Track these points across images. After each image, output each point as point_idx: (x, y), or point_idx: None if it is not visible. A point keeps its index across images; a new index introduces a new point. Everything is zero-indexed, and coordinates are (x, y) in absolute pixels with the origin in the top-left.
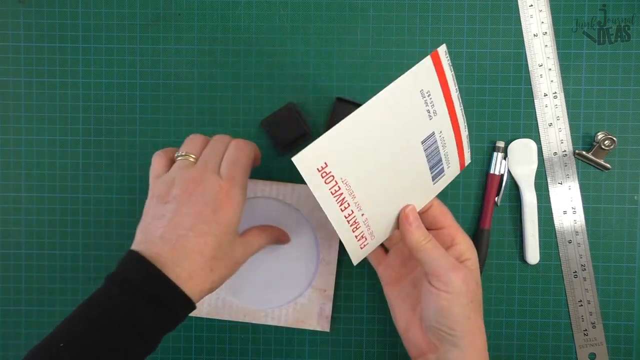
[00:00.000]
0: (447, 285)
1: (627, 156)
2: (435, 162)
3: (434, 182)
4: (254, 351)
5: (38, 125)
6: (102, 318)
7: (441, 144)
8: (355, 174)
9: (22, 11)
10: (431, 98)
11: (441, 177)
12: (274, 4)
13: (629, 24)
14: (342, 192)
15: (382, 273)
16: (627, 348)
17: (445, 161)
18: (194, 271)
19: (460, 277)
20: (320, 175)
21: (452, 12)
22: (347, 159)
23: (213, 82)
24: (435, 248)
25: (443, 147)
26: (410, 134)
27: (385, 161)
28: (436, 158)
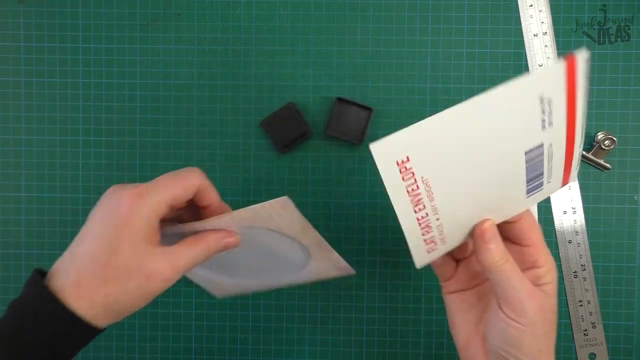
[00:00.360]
0: (519, 314)
1: (627, 156)
2: (536, 175)
3: (528, 196)
4: (254, 351)
5: (38, 125)
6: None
7: (547, 158)
8: (439, 175)
9: (22, 11)
10: (550, 107)
11: (537, 192)
12: (274, 4)
13: (629, 24)
14: (419, 192)
15: (446, 284)
16: (627, 348)
17: (546, 176)
18: (81, 279)
19: (535, 307)
20: (400, 170)
21: (452, 12)
22: (434, 157)
23: (213, 82)
24: (513, 271)
25: (548, 161)
26: (514, 142)
27: (477, 166)
28: (537, 171)
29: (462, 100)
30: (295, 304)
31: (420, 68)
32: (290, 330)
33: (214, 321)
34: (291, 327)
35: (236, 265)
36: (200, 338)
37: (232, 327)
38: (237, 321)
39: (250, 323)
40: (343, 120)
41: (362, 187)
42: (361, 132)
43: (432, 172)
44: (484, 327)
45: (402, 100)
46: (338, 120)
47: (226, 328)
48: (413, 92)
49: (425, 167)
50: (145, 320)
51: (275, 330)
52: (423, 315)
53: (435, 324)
